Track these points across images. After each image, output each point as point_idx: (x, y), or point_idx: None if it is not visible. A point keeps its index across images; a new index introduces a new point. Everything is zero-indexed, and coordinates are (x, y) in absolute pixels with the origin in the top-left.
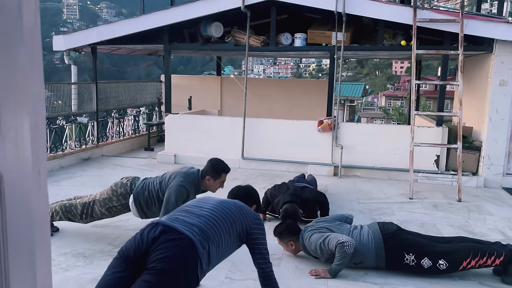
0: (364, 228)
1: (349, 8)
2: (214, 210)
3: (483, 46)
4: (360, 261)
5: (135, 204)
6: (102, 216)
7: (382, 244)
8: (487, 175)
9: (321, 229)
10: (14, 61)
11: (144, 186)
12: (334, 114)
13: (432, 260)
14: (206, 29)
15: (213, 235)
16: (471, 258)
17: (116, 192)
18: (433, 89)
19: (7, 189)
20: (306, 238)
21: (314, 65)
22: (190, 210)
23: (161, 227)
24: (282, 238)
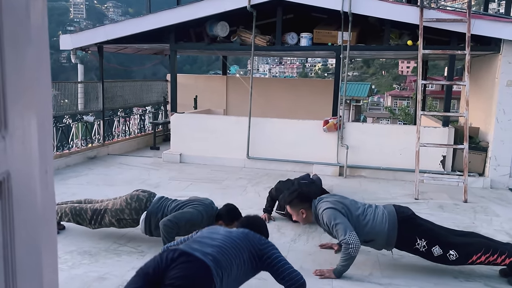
0: (379, 208)
1: (355, 7)
2: (224, 240)
3: (490, 46)
4: (371, 239)
5: (145, 222)
6: (110, 226)
7: (396, 226)
8: (493, 176)
9: (336, 203)
10: (22, 61)
11: (160, 207)
12: (340, 114)
13: (443, 249)
14: (212, 29)
15: (225, 263)
16: (482, 253)
17: (130, 206)
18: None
19: (15, 188)
20: (319, 209)
21: (320, 64)
22: (203, 241)
23: (179, 251)
24: (292, 206)
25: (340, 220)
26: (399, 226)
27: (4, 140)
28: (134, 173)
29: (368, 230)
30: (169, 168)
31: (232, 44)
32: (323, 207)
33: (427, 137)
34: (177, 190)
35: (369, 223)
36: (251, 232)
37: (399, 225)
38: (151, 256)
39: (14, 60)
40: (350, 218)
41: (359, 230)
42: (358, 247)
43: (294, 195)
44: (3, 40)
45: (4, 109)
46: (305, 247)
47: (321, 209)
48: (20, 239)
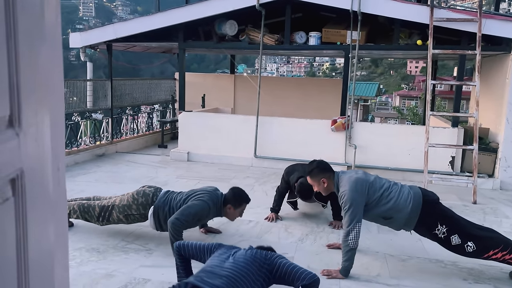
0: (405, 187)
1: (365, 7)
2: (232, 268)
3: (501, 46)
4: (391, 217)
5: (153, 216)
6: (119, 222)
7: (419, 207)
8: (503, 177)
9: (358, 183)
10: (36, 59)
11: (166, 200)
12: (348, 114)
13: (461, 239)
14: (221, 27)
15: None
16: (499, 250)
17: (137, 201)
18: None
19: (28, 185)
20: (341, 182)
21: (328, 64)
22: (213, 271)
23: (190, 285)
24: (313, 175)
25: (354, 207)
26: (423, 208)
27: (18, 137)
28: (142, 171)
29: (390, 207)
30: (176, 166)
31: (241, 43)
32: (346, 186)
33: (436, 137)
34: (185, 188)
35: (392, 200)
36: (257, 250)
37: (423, 207)
38: (158, 254)
39: (28, 58)
40: (372, 195)
41: (380, 205)
42: (357, 239)
43: (314, 165)
44: (18, 38)
45: (18, 107)
46: (313, 247)
47: (344, 187)
48: (32, 236)
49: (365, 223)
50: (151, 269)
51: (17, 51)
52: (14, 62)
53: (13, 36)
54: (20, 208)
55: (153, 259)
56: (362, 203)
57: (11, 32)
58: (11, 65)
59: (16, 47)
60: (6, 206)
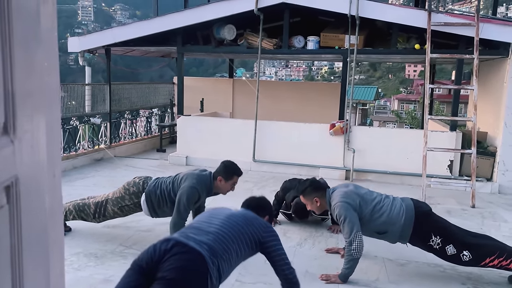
0: (397, 200)
1: (363, 11)
2: (222, 225)
3: (499, 50)
4: (385, 231)
5: (146, 203)
6: (115, 215)
7: (412, 220)
8: (501, 181)
9: (349, 196)
10: (32, 64)
11: (156, 185)
12: (347, 118)
13: (457, 248)
14: (219, 32)
15: (222, 252)
16: (496, 256)
17: (128, 191)
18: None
19: (23, 192)
20: (333, 199)
21: (326, 67)
22: (200, 227)
23: (173, 242)
24: (306, 194)
25: (350, 217)
26: (416, 220)
27: (13, 144)
28: (140, 175)
29: (384, 221)
30: (175, 171)
31: (239, 47)
32: (336, 199)
33: (435, 141)
34: None
35: (385, 214)
36: (255, 217)
37: (416, 219)
38: None
39: (24, 63)
40: (364, 209)
41: (373, 220)
42: (360, 249)
43: (307, 184)
44: (13, 44)
45: (13, 113)
46: (311, 251)
47: (334, 201)
48: (27, 243)
49: None
50: None
51: (12, 56)
52: (9, 68)
53: (8, 41)
54: (14, 216)
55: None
56: (355, 214)
57: (6, 38)
58: (6, 71)
59: (11, 52)
60: (0, 214)
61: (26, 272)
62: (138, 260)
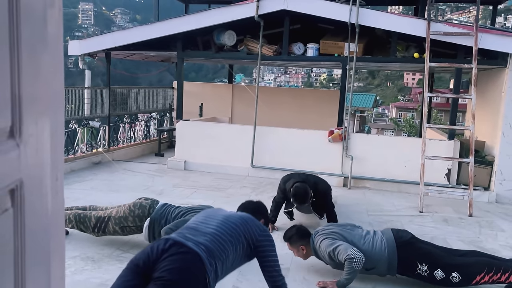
0: (378, 234)
1: (363, 19)
2: (219, 226)
3: (497, 60)
4: (372, 267)
5: (149, 229)
6: (114, 233)
7: (395, 252)
8: (499, 190)
9: (332, 234)
10: (38, 68)
11: (163, 213)
12: (345, 125)
13: (445, 272)
14: (219, 37)
15: (219, 253)
16: (485, 273)
17: (133, 213)
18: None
19: (27, 195)
20: (316, 243)
21: (325, 74)
22: (197, 228)
23: (171, 241)
24: (292, 242)
25: (339, 243)
26: (399, 251)
27: (19, 148)
28: (138, 179)
29: (368, 258)
30: (173, 175)
31: (239, 53)
32: (319, 240)
33: (433, 149)
34: (181, 197)
35: (368, 251)
36: (252, 219)
37: (398, 250)
38: None
39: (31, 67)
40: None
41: None
42: (362, 261)
43: (293, 231)
44: (20, 47)
45: (20, 117)
46: (309, 258)
47: (318, 242)
48: (30, 246)
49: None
50: None
51: (20, 62)
52: (17, 73)
53: (16, 45)
54: (18, 219)
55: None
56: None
57: (14, 42)
58: (14, 75)
59: (18, 58)
60: (5, 217)
61: (28, 275)
62: (134, 259)
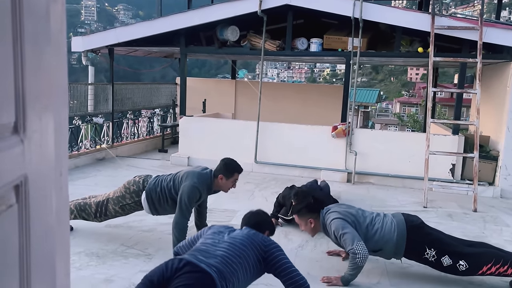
0: (388, 217)
1: (366, 14)
2: (228, 249)
3: (502, 55)
4: (379, 249)
5: (147, 200)
6: (116, 214)
7: (404, 235)
8: (504, 185)
9: (343, 214)
10: (41, 64)
11: (156, 182)
12: (349, 120)
13: (452, 259)
14: (223, 33)
15: (229, 275)
16: (492, 264)
17: (129, 190)
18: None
19: (32, 191)
20: (327, 220)
21: (329, 70)
22: (207, 250)
23: (185, 261)
24: (301, 215)
25: (348, 230)
26: (408, 235)
27: (23, 143)
28: (140, 174)
29: (377, 239)
30: (177, 171)
31: (242, 49)
32: (331, 218)
33: (437, 145)
34: None
35: (377, 232)
36: (255, 233)
37: (408, 234)
38: (158, 259)
39: (34, 63)
40: (358, 228)
41: (367, 240)
42: (365, 257)
43: (303, 204)
44: (24, 45)
45: (23, 113)
46: (313, 253)
47: (329, 219)
48: (35, 241)
49: None
50: None
51: (23, 57)
52: (20, 68)
53: (19, 41)
54: (23, 214)
55: (153, 264)
56: (352, 226)
57: (17, 38)
58: (17, 72)
59: (22, 53)
60: (10, 213)
61: (34, 270)
62: (149, 276)
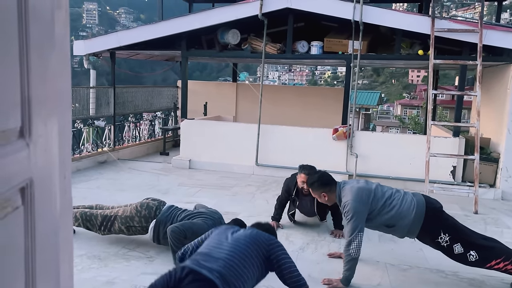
0: (408, 194)
1: (367, 17)
2: (231, 251)
3: (502, 57)
4: (394, 224)
5: (154, 230)
6: (120, 232)
7: (423, 215)
8: (504, 187)
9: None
10: (46, 69)
11: (169, 216)
12: (350, 122)
13: (464, 248)
14: (223, 36)
15: (233, 278)
16: (502, 260)
17: (140, 213)
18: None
19: (37, 193)
20: (343, 196)
21: (330, 72)
22: (210, 253)
23: (187, 270)
24: (314, 189)
25: (357, 217)
26: (426, 215)
27: (28, 147)
28: (143, 178)
29: (393, 215)
30: (178, 174)
31: (243, 52)
32: (349, 196)
33: (438, 147)
34: (186, 196)
35: (395, 208)
36: (259, 233)
37: (426, 215)
38: (159, 261)
39: (39, 69)
40: (375, 204)
41: (382, 214)
42: (359, 248)
43: (315, 178)
44: (29, 49)
45: (29, 118)
46: (314, 256)
47: (346, 197)
48: (40, 243)
49: (366, 231)
50: (152, 277)
51: (29, 63)
52: (26, 74)
53: (25, 47)
54: (29, 217)
55: (154, 267)
56: (365, 213)
57: (23, 44)
58: (23, 77)
59: (28, 59)
60: (16, 215)
61: (39, 271)
62: (154, 285)
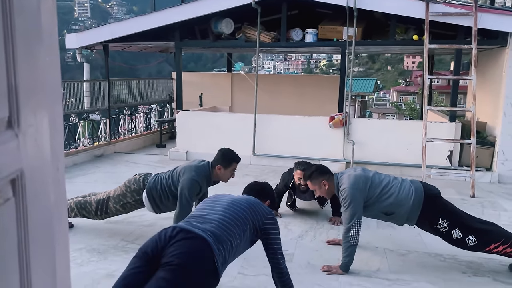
0: (406, 182)
1: (361, 3)
2: (225, 212)
3: (497, 40)
4: (392, 212)
5: (148, 199)
6: (117, 213)
7: (421, 202)
8: (501, 170)
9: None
10: (33, 59)
11: (156, 180)
12: (346, 110)
13: (463, 232)
14: (217, 26)
15: (226, 238)
16: (500, 243)
17: (129, 188)
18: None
19: (28, 185)
20: (341, 184)
21: (325, 60)
22: (203, 215)
23: (178, 229)
24: (313, 179)
25: (355, 204)
26: (424, 203)
27: (17, 138)
28: (140, 171)
29: (391, 202)
30: (175, 166)
31: (237, 41)
32: (346, 184)
33: (434, 132)
34: None
35: (393, 195)
36: (258, 202)
37: (425, 202)
38: None
39: (26, 59)
40: (372, 192)
41: (380, 202)
42: (358, 235)
43: (313, 169)
44: (15, 40)
45: (17, 108)
46: (312, 243)
47: (344, 185)
48: (33, 235)
49: (365, 218)
50: None
51: (15, 52)
52: (12, 63)
53: (10, 37)
54: (20, 208)
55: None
56: (362, 200)
57: (8, 34)
58: (9, 67)
59: (13, 48)
60: (7, 207)
61: (33, 263)
62: (143, 247)
